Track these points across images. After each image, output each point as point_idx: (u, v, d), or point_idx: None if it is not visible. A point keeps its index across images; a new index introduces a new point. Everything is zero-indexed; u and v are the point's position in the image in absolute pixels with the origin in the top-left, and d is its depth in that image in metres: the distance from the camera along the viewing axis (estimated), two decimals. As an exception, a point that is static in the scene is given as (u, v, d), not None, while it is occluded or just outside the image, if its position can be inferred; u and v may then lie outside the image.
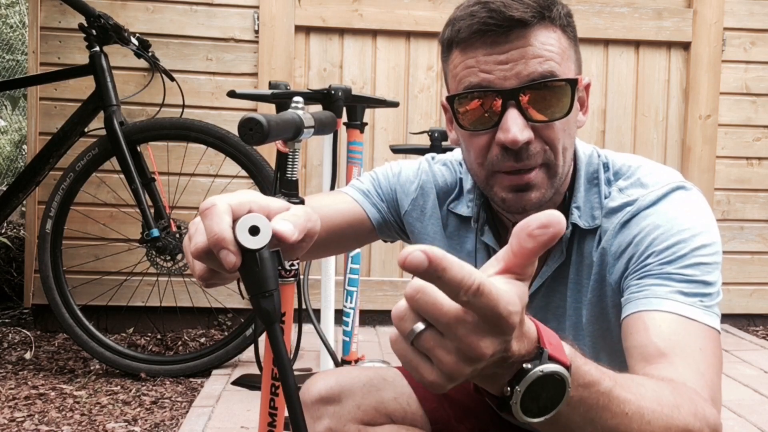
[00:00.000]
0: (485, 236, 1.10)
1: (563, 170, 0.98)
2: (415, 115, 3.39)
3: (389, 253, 3.39)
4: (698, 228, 0.94)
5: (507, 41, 0.92)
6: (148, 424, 2.24)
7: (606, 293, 1.00)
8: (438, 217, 1.17)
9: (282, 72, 3.22)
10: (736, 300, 3.50)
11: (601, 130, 3.47)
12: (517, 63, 0.92)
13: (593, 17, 3.38)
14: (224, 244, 0.64)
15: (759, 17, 3.48)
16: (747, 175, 3.52)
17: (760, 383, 2.68)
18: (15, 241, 3.73)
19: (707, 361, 0.85)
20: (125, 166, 2.58)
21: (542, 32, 0.93)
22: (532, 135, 0.93)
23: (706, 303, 0.90)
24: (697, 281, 0.91)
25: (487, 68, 0.92)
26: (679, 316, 0.88)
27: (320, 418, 1.05)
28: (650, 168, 1.03)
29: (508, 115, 0.92)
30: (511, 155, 0.94)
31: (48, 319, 3.16)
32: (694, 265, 0.91)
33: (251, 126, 0.96)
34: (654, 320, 0.88)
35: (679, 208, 0.96)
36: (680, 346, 0.85)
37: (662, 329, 0.86)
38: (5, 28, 5.86)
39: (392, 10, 3.31)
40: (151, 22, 3.18)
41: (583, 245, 1.03)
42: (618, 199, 1.01)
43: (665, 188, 0.98)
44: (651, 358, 0.85)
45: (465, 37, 0.94)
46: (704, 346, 0.86)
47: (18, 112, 5.48)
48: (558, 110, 0.94)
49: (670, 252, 0.92)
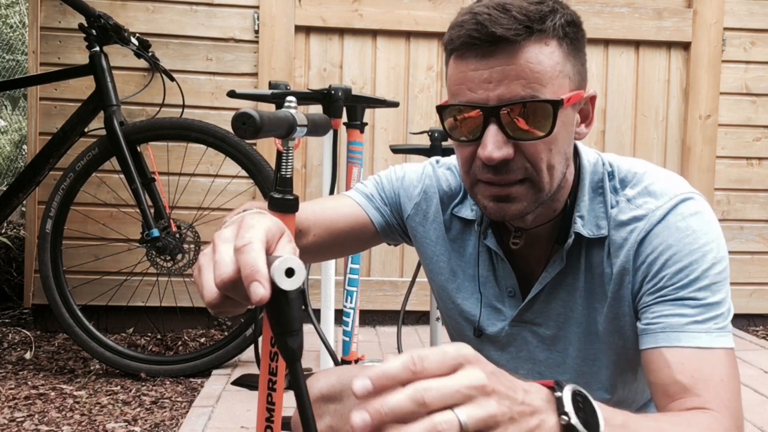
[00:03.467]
0: (488, 240, 1.11)
1: (551, 186, 0.98)
2: (415, 115, 3.39)
3: (389, 254, 3.39)
4: (708, 245, 0.97)
5: (494, 56, 0.91)
6: (148, 424, 2.24)
7: (624, 311, 1.02)
8: (441, 222, 1.17)
9: (282, 72, 3.23)
10: (736, 300, 3.44)
11: (601, 130, 3.47)
12: (500, 83, 0.91)
13: (593, 17, 3.38)
14: (258, 277, 0.65)
15: (759, 17, 3.48)
16: (747, 175, 3.52)
17: (760, 383, 2.68)
18: (15, 241, 3.73)
19: (728, 389, 0.90)
20: (125, 166, 2.58)
21: (531, 48, 0.91)
22: (511, 152, 0.93)
23: (720, 324, 0.94)
24: (709, 304, 0.95)
25: (473, 86, 0.93)
26: (698, 348, 0.92)
27: (322, 416, 1.05)
28: (656, 175, 1.03)
29: (488, 132, 0.92)
30: (491, 169, 0.95)
31: (48, 319, 3.16)
32: (706, 287, 0.95)
33: (244, 120, 0.98)
34: (675, 356, 0.92)
35: (689, 223, 0.97)
36: (703, 381, 0.90)
37: (684, 366, 0.91)
38: (5, 28, 5.86)
39: (392, 10, 3.31)
40: (151, 22, 3.18)
41: (591, 254, 1.04)
42: (627, 211, 1.02)
43: (674, 200, 0.99)
44: (675, 395, 0.90)
45: (457, 47, 0.95)
46: (725, 375, 0.91)
47: (18, 112, 5.48)
48: (540, 129, 0.93)
49: (683, 275, 0.95)
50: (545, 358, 1.10)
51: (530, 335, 1.10)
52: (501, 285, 1.11)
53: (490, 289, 1.12)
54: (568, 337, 1.07)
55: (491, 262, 1.12)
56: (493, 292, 1.12)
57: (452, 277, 1.16)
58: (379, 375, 0.57)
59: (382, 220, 1.20)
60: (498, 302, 1.12)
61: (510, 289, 1.10)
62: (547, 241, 1.07)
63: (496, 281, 1.12)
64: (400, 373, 0.57)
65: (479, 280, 1.13)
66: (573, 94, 0.96)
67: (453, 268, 1.16)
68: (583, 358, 1.07)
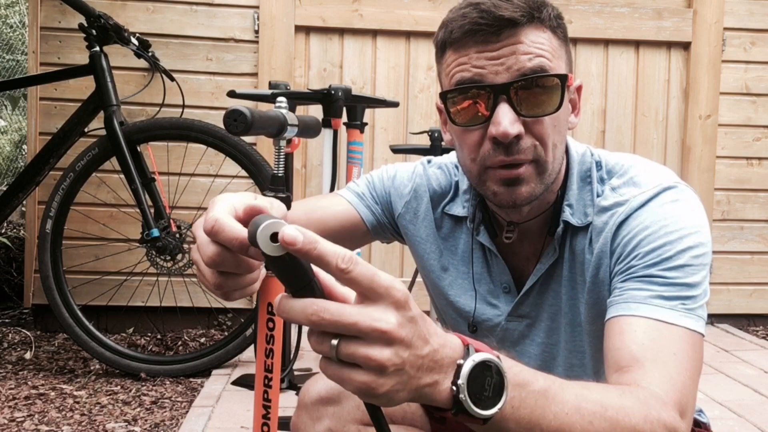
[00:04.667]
0: (481, 236, 1.12)
1: (553, 167, 0.99)
2: (415, 115, 3.39)
3: (389, 254, 3.39)
4: (687, 229, 0.95)
5: (498, 40, 0.94)
6: (148, 424, 2.24)
7: (603, 296, 1.01)
8: (431, 220, 1.18)
9: (282, 72, 3.23)
10: (736, 300, 3.50)
11: (601, 130, 3.47)
12: (508, 58, 0.94)
13: (593, 17, 3.38)
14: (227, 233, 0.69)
15: (759, 17, 3.48)
16: (747, 175, 3.52)
17: (760, 383, 2.68)
18: (15, 241, 3.73)
19: (680, 366, 0.85)
20: (125, 166, 2.58)
21: (532, 31, 0.95)
22: (522, 129, 0.95)
23: (689, 306, 0.90)
24: (679, 284, 0.91)
25: (479, 64, 0.95)
26: (656, 321, 0.88)
27: (320, 418, 1.05)
28: (643, 167, 1.04)
29: (500, 110, 0.94)
30: (502, 149, 0.95)
31: (48, 319, 3.16)
32: (678, 267, 0.92)
33: (236, 117, 1.01)
34: (630, 325, 0.89)
35: (669, 209, 0.97)
36: (653, 351, 0.85)
37: (637, 335, 0.87)
38: (5, 28, 5.86)
39: (392, 10, 3.31)
40: (151, 22, 3.18)
41: (574, 242, 1.05)
42: (610, 198, 1.02)
43: (657, 188, 0.99)
44: (623, 364, 0.86)
45: (458, 37, 0.96)
46: (679, 350, 0.86)
47: (18, 112, 5.48)
48: (549, 106, 0.96)
49: (655, 254, 0.93)
50: (540, 353, 1.11)
51: (526, 329, 1.11)
52: (495, 281, 1.12)
53: (484, 285, 1.13)
54: (558, 330, 1.08)
55: (485, 258, 1.13)
56: (487, 288, 1.13)
57: (444, 273, 1.17)
58: (310, 240, 0.58)
59: (373, 218, 1.21)
60: (493, 298, 1.13)
61: (505, 285, 1.11)
62: (538, 234, 1.08)
63: (490, 277, 1.13)
64: (329, 258, 0.58)
65: (473, 277, 1.14)
66: (571, 76, 1.00)
67: (444, 265, 1.17)
68: (571, 350, 1.08)
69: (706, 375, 2.65)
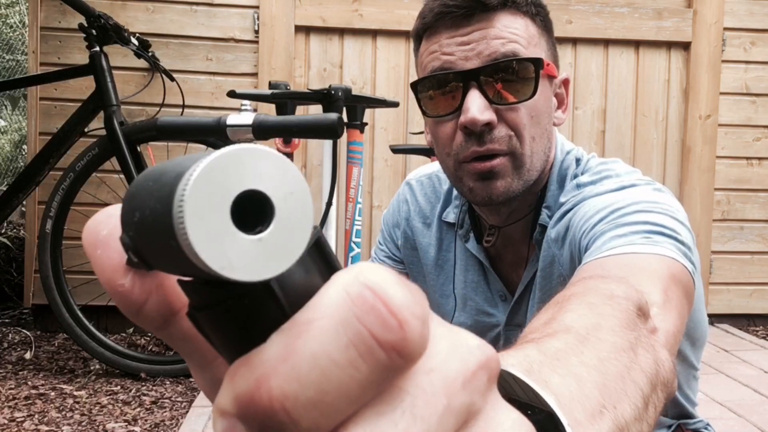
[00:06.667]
0: (470, 243, 1.08)
1: (532, 163, 0.93)
2: (415, 115, 3.39)
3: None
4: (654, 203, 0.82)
5: (469, 24, 0.90)
6: (148, 424, 2.24)
7: (555, 290, 0.91)
8: (428, 235, 1.16)
9: (282, 72, 3.23)
10: (736, 300, 3.50)
11: (601, 130, 3.47)
12: (478, 43, 0.90)
13: (593, 17, 3.38)
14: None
15: (759, 17, 3.48)
16: (747, 175, 3.52)
17: (760, 383, 2.68)
18: (15, 241, 3.73)
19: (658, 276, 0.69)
20: (125, 166, 2.58)
21: (506, 17, 0.91)
22: (494, 117, 0.90)
23: (676, 245, 0.75)
24: (661, 227, 0.77)
25: (449, 50, 0.91)
26: (636, 254, 0.73)
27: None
28: (620, 169, 0.97)
29: (469, 96, 0.89)
30: (474, 140, 0.90)
31: (48, 319, 3.16)
32: (656, 213, 0.79)
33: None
34: (601, 261, 0.74)
35: (636, 189, 0.88)
36: (638, 269, 0.70)
37: (608, 265, 0.72)
38: (5, 28, 5.86)
39: (392, 10, 3.31)
40: (151, 22, 3.18)
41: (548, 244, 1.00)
42: (570, 193, 0.96)
43: (620, 183, 0.91)
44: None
45: (429, 22, 0.93)
46: (659, 268, 0.70)
47: (18, 112, 5.48)
48: (522, 93, 0.90)
49: (621, 212, 0.81)
50: None
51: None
52: (492, 289, 1.09)
53: (481, 294, 1.10)
54: None
55: (481, 267, 1.09)
56: (484, 297, 1.10)
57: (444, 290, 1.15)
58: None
59: (406, 271, 1.20)
60: (491, 307, 1.09)
61: (500, 293, 1.08)
62: (521, 240, 1.04)
63: (487, 285, 1.09)
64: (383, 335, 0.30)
65: (454, 282, 1.11)
66: (550, 64, 0.95)
67: (443, 281, 1.15)
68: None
69: (706, 375, 2.65)
